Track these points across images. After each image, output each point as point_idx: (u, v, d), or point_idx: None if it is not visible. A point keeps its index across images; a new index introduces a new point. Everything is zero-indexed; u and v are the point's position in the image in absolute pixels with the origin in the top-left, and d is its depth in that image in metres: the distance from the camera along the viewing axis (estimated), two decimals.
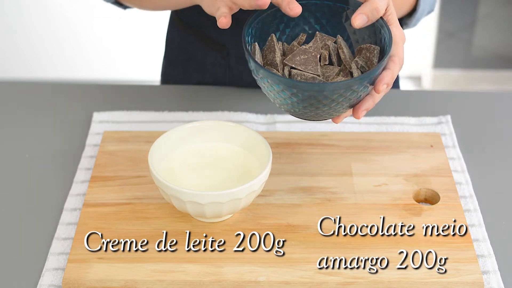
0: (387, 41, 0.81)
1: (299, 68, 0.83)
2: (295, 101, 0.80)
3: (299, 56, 0.83)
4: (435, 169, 0.96)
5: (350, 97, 0.79)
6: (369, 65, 0.83)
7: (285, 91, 0.79)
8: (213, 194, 0.82)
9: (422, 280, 0.81)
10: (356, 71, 0.83)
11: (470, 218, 0.90)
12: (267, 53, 0.85)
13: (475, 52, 2.90)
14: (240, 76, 1.15)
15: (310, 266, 0.82)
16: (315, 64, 0.83)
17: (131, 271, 0.82)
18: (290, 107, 0.82)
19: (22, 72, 2.74)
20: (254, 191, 0.84)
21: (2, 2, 2.62)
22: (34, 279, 0.83)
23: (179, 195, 0.82)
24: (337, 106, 0.80)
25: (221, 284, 0.81)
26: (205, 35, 1.14)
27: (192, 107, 1.10)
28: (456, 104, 1.11)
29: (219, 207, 0.83)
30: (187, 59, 1.20)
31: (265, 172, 0.84)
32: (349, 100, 0.79)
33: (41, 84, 1.17)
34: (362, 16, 0.80)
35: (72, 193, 0.94)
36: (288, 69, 0.84)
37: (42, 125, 1.07)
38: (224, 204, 0.82)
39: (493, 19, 3.00)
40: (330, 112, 0.81)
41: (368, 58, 0.83)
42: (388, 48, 0.80)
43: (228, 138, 0.92)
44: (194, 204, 0.82)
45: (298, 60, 0.83)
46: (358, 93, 0.79)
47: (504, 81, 2.78)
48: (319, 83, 0.77)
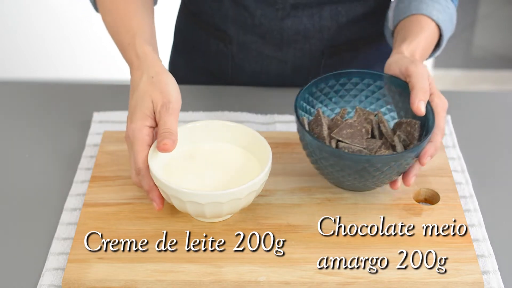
0: (430, 117, 0.86)
1: (346, 142, 0.88)
2: (346, 174, 0.85)
3: (345, 129, 0.88)
4: (435, 169, 0.96)
5: (397, 169, 0.84)
6: (410, 139, 0.88)
7: (339, 163, 0.84)
8: (213, 194, 0.82)
9: (422, 280, 0.81)
10: (399, 144, 0.88)
11: (470, 218, 0.90)
12: (314, 127, 0.90)
13: (475, 52, 2.90)
14: (242, 65, 1.16)
15: (310, 266, 0.82)
16: (361, 137, 0.88)
17: (131, 271, 0.82)
18: (340, 180, 0.87)
19: (22, 72, 2.74)
20: (254, 191, 0.84)
21: (2, 2, 2.62)
22: (34, 279, 0.83)
23: (179, 195, 0.82)
24: (383, 177, 0.85)
25: (221, 284, 0.81)
26: (209, 23, 1.15)
27: (192, 107, 1.10)
28: (456, 104, 1.11)
29: (219, 207, 0.83)
30: (192, 47, 1.21)
31: (264, 172, 0.84)
32: (394, 171, 0.84)
33: (41, 84, 1.17)
34: (422, 103, 0.86)
35: (72, 193, 0.94)
36: (335, 142, 0.88)
37: (42, 125, 1.07)
38: (224, 204, 0.82)
39: (493, 19, 3.00)
40: (377, 183, 0.87)
41: (409, 132, 0.88)
42: (432, 124, 0.85)
43: (228, 138, 0.92)
44: (194, 204, 0.82)
45: (345, 134, 0.88)
46: (404, 165, 0.84)
47: (504, 81, 2.78)
48: (371, 156, 0.83)
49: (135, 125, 0.86)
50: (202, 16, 1.16)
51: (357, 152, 0.87)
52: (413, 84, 0.87)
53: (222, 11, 1.12)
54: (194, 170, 0.90)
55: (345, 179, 0.86)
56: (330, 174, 0.87)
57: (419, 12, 0.98)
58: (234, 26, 1.12)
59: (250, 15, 1.10)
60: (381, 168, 0.83)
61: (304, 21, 1.09)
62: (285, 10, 1.08)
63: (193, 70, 1.22)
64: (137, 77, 0.90)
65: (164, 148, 0.83)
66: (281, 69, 1.15)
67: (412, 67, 0.88)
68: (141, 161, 0.85)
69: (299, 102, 0.89)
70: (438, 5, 0.99)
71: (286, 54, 1.13)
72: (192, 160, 0.91)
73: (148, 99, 0.87)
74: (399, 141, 0.88)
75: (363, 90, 0.94)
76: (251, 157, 0.91)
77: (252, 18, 1.10)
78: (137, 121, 0.86)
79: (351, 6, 1.10)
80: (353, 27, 1.12)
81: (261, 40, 1.12)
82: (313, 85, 0.92)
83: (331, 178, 0.88)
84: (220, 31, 1.14)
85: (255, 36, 1.12)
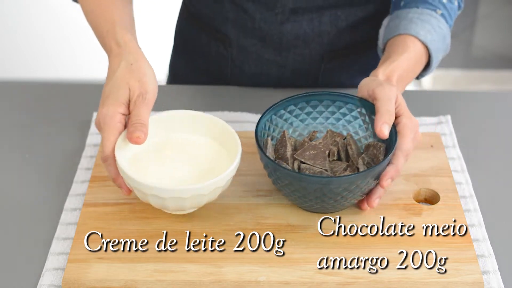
0: (393, 139, 0.86)
1: (308, 163, 0.88)
2: (302, 195, 0.84)
3: (308, 151, 0.89)
4: (435, 169, 0.96)
5: (354, 191, 0.83)
6: (375, 161, 0.88)
7: (294, 184, 0.83)
8: (175, 190, 0.81)
9: (422, 280, 0.81)
10: (362, 167, 0.88)
11: (470, 218, 0.90)
12: (279, 148, 0.90)
13: (475, 52, 2.90)
14: (242, 67, 1.16)
15: (310, 266, 0.82)
16: (324, 159, 0.88)
17: (131, 271, 0.82)
18: (298, 201, 0.87)
19: (22, 72, 2.74)
20: (219, 187, 0.83)
21: (2, 2, 2.62)
22: (34, 279, 0.83)
23: (141, 188, 0.82)
24: (342, 200, 0.85)
25: (221, 284, 0.81)
26: (210, 25, 1.15)
27: (192, 107, 1.09)
28: (456, 104, 1.11)
29: (181, 202, 0.82)
30: (193, 48, 1.20)
31: (231, 169, 0.84)
32: (353, 194, 0.84)
33: (41, 84, 1.17)
34: (386, 126, 0.85)
35: (72, 193, 0.94)
36: (298, 163, 0.88)
37: (42, 125, 1.07)
38: (187, 200, 0.82)
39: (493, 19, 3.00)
40: (336, 206, 0.86)
41: (375, 154, 0.88)
42: (393, 145, 0.85)
43: (202, 131, 0.91)
44: (155, 197, 0.82)
45: (308, 155, 0.89)
46: (362, 188, 0.83)
47: (504, 81, 2.78)
48: (325, 177, 0.83)
49: (107, 111, 0.84)
50: (202, 18, 1.16)
51: (318, 173, 0.87)
52: (378, 107, 0.86)
53: (223, 14, 1.12)
54: (162, 162, 0.89)
55: (302, 200, 0.86)
56: (289, 195, 0.87)
57: (406, 32, 0.97)
58: (234, 28, 1.12)
59: (250, 18, 1.10)
60: (335, 190, 0.82)
61: (303, 25, 1.09)
62: (284, 14, 1.08)
63: (193, 71, 1.22)
64: (115, 64, 0.89)
65: (136, 141, 0.83)
66: (281, 73, 1.14)
67: (378, 90, 0.88)
68: (109, 149, 0.84)
69: (261, 124, 0.89)
70: (428, 25, 0.98)
71: (286, 58, 1.13)
72: (161, 152, 0.90)
73: (125, 86, 0.86)
74: (363, 163, 0.88)
75: (334, 113, 0.93)
76: (223, 151, 0.90)
77: (252, 21, 1.10)
78: (110, 106, 0.85)
79: (351, 11, 1.10)
80: (352, 31, 1.12)
81: (261, 43, 1.12)
82: (281, 107, 0.92)
83: (292, 199, 0.88)
84: (220, 34, 1.14)
85: (255, 39, 1.12)
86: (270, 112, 0.91)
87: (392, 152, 0.84)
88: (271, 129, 0.92)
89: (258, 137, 0.87)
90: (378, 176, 0.84)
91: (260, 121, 0.89)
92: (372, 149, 0.89)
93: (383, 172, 0.84)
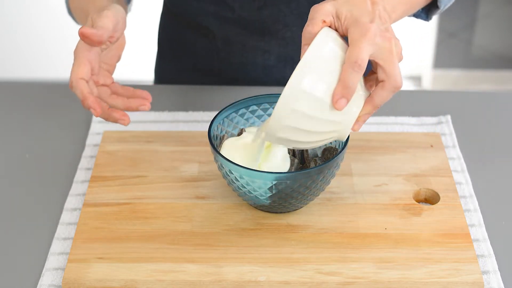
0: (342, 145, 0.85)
1: None
2: (257, 194, 0.84)
3: None
4: (435, 169, 0.96)
5: (310, 186, 0.83)
6: None
7: (247, 184, 0.83)
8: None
9: (422, 280, 0.81)
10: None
11: (470, 218, 0.90)
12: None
13: (475, 52, 2.90)
14: (228, 59, 1.17)
15: (310, 266, 0.82)
16: None
17: (131, 271, 0.82)
18: (255, 201, 0.86)
19: (22, 72, 2.74)
20: None
21: (2, 2, 2.62)
22: (34, 279, 0.83)
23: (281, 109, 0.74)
24: (300, 197, 0.84)
25: (221, 284, 0.81)
26: (192, 21, 1.16)
27: (192, 107, 1.10)
28: (456, 104, 1.11)
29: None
30: (178, 47, 1.22)
31: None
32: (309, 190, 0.83)
33: (41, 84, 1.17)
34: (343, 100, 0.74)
35: (72, 193, 0.94)
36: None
37: (42, 125, 1.07)
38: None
39: (493, 19, 3.00)
40: (297, 204, 0.86)
41: (328, 158, 0.89)
42: (340, 151, 0.84)
43: None
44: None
45: None
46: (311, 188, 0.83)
47: (504, 81, 2.79)
48: (273, 172, 0.81)
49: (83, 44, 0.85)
50: (184, 15, 1.17)
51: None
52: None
53: (203, 8, 1.13)
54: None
55: (257, 199, 0.85)
56: (244, 195, 0.86)
57: None
58: (216, 21, 1.14)
59: (230, 8, 1.12)
60: (292, 185, 0.81)
61: (282, 9, 1.10)
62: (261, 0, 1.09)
63: (180, 71, 1.23)
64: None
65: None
66: (266, 60, 1.15)
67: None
68: (74, 74, 0.84)
69: (214, 125, 0.88)
70: None
71: (269, 43, 1.14)
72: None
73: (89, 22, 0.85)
74: (315, 165, 0.88)
75: None
76: None
77: (232, 11, 1.12)
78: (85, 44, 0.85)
79: None
80: None
81: (244, 32, 1.13)
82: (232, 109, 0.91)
83: (246, 198, 0.87)
84: (203, 28, 1.15)
85: (238, 29, 1.13)
86: (222, 114, 0.89)
87: (337, 156, 0.82)
88: (223, 132, 0.91)
89: (211, 138, 0.86)
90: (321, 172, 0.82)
91: (214, 121, 0.88)
92: (327, 153, 0.89)
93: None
